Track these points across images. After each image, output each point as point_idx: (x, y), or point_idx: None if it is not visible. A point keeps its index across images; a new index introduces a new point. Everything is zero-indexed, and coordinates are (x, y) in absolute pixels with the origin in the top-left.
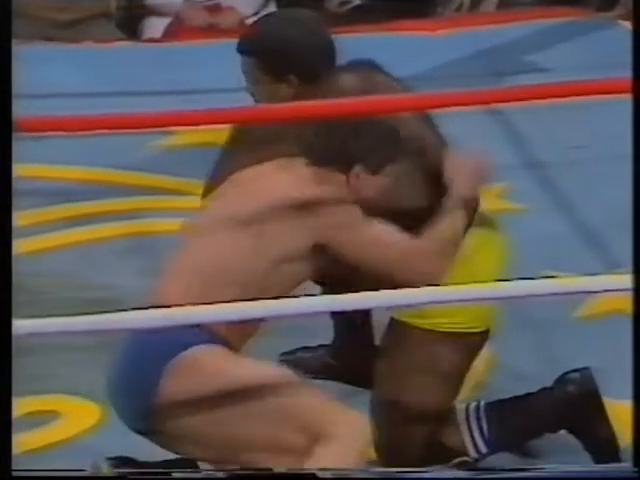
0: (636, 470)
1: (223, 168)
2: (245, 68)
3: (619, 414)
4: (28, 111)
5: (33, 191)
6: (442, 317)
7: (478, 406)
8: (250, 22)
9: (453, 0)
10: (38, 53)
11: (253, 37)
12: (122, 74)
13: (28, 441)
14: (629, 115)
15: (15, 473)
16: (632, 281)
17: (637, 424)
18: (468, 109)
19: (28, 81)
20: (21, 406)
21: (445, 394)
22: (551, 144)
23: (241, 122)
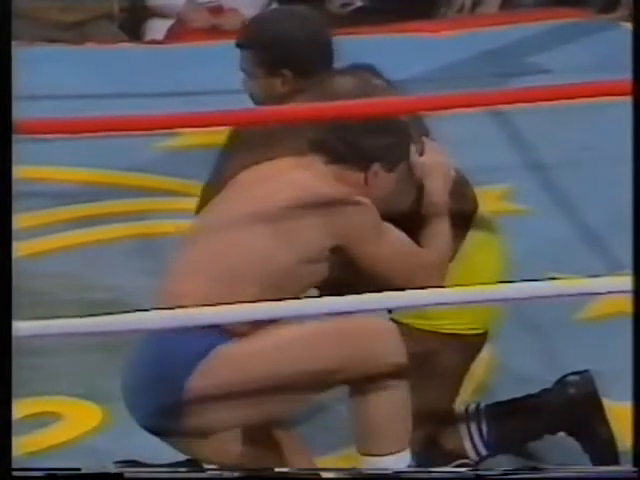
0: (636, 471)
1: (223, 170)
2: (243, 64)
3: (620, 416)
4: (29, 113)
5: (33, 193)
6: (443, 319)
7: (478, 408)
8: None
9: (454, 1)
10: (40, 54)
11: (251, 30)
12: (125, 75)
13: (30, 443)
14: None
15: (15, 473)
16: (632, 283)
17: (637, 425)
18: (470, 111)
19: (29, 83)
20: (23, 408)
21: (445, 396)
22: (554, 146)
23: (245, 124)
